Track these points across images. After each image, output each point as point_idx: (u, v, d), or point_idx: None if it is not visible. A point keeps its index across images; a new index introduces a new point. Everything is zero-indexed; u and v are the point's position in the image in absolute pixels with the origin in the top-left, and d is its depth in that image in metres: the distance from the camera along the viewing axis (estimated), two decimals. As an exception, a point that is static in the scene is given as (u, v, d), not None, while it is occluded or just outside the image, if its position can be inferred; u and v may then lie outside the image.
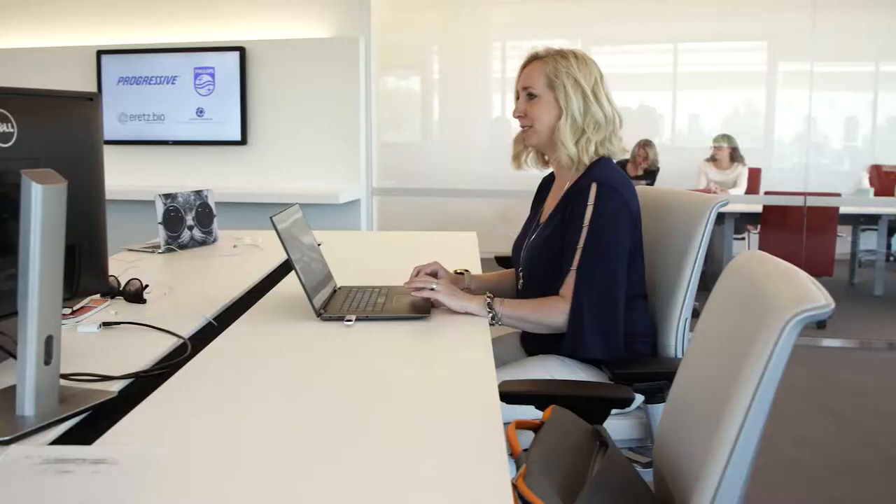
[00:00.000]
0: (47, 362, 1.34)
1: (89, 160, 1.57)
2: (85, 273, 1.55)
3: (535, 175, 2.48)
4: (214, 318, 2.03)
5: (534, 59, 2.26)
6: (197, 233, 3.14)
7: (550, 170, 2.42)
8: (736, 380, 1.20)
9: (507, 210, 6.72)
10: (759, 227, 6.70)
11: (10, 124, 1.36)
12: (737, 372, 1.20)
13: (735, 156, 7.04)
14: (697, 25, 7.26)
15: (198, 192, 3.18)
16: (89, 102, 1.59)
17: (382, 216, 5.82)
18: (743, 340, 1.23)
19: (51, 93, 1.55)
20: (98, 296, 2.18)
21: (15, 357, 1.34)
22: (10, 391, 1.37)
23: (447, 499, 1.08)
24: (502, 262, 3.12)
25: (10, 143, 1.36)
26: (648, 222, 2.31)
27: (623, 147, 2.29)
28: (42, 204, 1.28)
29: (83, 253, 1.54)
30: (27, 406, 1.33)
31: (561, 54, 2.23)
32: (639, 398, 2.07)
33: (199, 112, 5.44)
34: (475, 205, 6.74)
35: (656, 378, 2.10)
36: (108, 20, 5.64)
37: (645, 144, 6.90)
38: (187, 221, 3.11)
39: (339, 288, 2.28)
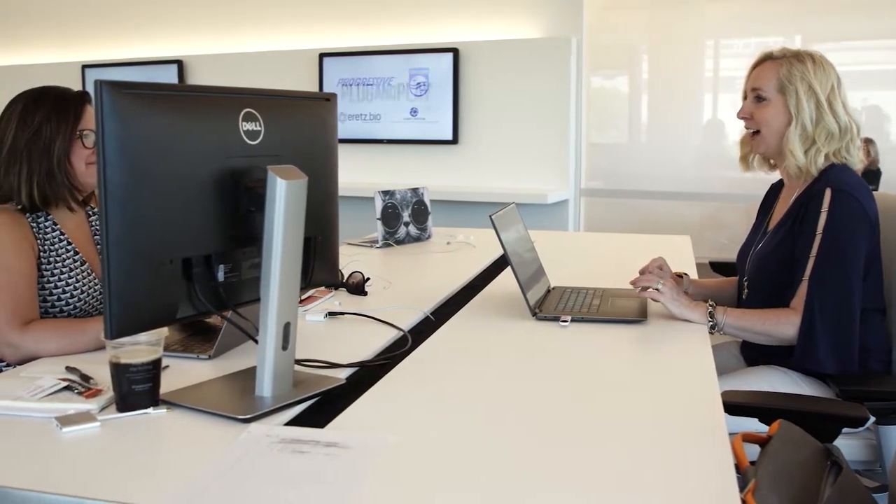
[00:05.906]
0: (284, 347, 1.42)
1: (325, 157, 1.64)
2: (318, 264, 1.63)
3: (749, 179, 2.38)
4: (431, 313, 2.08)
5: (767, 59, 2.15)
6: (412, 229, 3.24)
7: (776, 173, 2.31)
8: None
9: (717, 214, 6.45)
10: None
11: (257, 123, 1.45)
12: None
13: (976, 159, 6.46)
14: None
15: (414, 190, 3.27)
16: (326, 102, 1.67)
17: (588, 217, 5.76)
18: None
19: (293, 93, 1.64)
20: (322, 287, 2.29)
21: (256, 341, 1.43)
22: (250, 373, 1.47)
23: (674, 509, 1.05)
24: (718, 268, 3.01)
25: (257, 141, 1.45)
26: (885, 230, 2.15)
27: (861, 158, 2.14)
28: (285, 198, 1.36)
29: (317, 245, 1.62)
30: (266, 387, 1.41)
31: (797, 57, 2.10)
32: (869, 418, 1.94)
33: (413, 112, 5.59)
34: (683, 208, 6.52)
35: (891, 398, 1.97)
36: (330, 24, 5.91)
37: (866, 141, 6.46)
38: (404, 218, 3.20)
39: (553, 288, 2.28)
